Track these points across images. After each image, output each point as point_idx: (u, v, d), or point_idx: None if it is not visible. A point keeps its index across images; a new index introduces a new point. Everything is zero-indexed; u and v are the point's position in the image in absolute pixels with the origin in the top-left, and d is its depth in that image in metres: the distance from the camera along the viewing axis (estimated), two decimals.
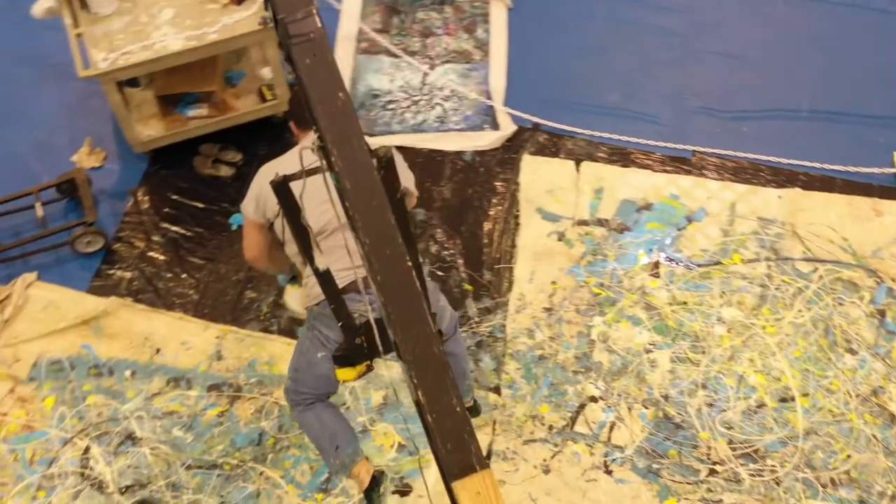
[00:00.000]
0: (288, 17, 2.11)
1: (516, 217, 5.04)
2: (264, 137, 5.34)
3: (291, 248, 3.45)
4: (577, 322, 4.65)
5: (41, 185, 5.06)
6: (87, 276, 4.87)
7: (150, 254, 4.95)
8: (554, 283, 4.79)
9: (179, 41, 4.71)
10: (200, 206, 5.10)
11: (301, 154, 2.49)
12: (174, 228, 5.04)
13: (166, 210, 5.11)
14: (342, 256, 3.23)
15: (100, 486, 4.21)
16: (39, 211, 4.94)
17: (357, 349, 3.21)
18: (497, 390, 4.43)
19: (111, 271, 4.89)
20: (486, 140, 5.33)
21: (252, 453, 4.27)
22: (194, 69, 5.03)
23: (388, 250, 2.06)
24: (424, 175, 5.21)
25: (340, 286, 3.15)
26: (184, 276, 4.86)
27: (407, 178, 3.66)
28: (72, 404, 4.43)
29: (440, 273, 4.83)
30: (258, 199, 3.48)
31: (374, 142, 5.19)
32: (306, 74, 2.12)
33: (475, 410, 4.19)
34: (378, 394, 4.42)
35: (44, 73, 5.70)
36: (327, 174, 2.28)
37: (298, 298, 3.95)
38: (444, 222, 5.03)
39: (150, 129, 5.14)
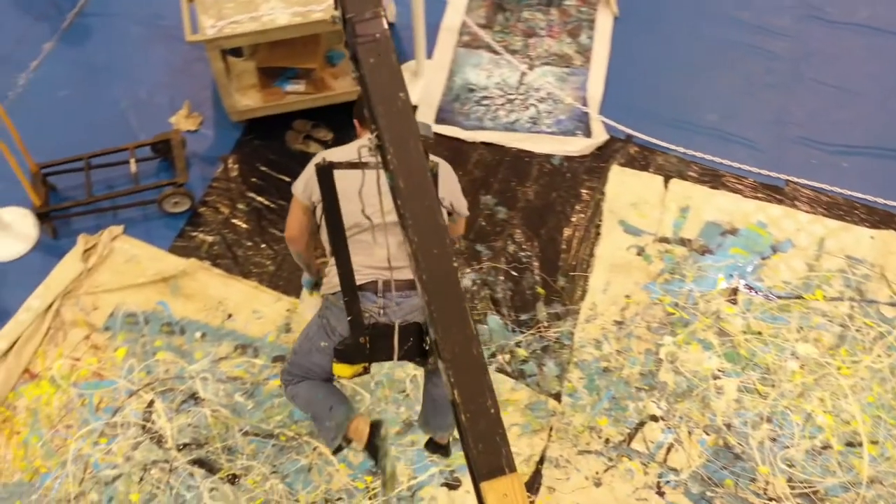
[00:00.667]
0: (356, 16, 2.17)
1: (598, 226, 4.99)
2: None
3: (325, 234, 3.42)
4: (646, 339, 4.58)
5: (137, 143, 5.19)
6: (171, 235, 4.99)
7: (234, 221, 5.04)
8: (628, 297, 4.73)
9: (286, 16, 4.78)
10: (287, 179, 5.17)
11: (360, 151, 2.53)
12: (259, 199, 5.12)
13: (254, 180, 5.20)
14: (371, 254, 3.24)
15: (159, 441, 4.31)
16: (133, 167, 5.07)
17: (358, 348, 3.17)
18: (557, 397, 4.40)
19: (194, 233, 4.99)
20: (577, 146, 5.29)
21: (308, 428, 4.32)
22: (297, 45, 5.11)
23: (436, 250, 2.09)
24: (510, 174, 5.20)
25: (359, 282, 3.15)
26: (263, 246, 4.94)
27: (456, 197, 3.62)
28: (142, 358, 4.55)
29: (514, 273, 4.81)
30: (308, 182, 3.47)
31: (465, 136, 5.24)
32: (369, 74, 2.17)
33: (447, 449, 3.89)
34: None
35: (154, 34, 5.86)
36: (381, 172, 2.31)
37: (313, 308, 3.80)
38: (524, 223, 5.01)
39: (248, 100, 5.23)
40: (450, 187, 3.55)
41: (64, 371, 4.52)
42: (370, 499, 4.14)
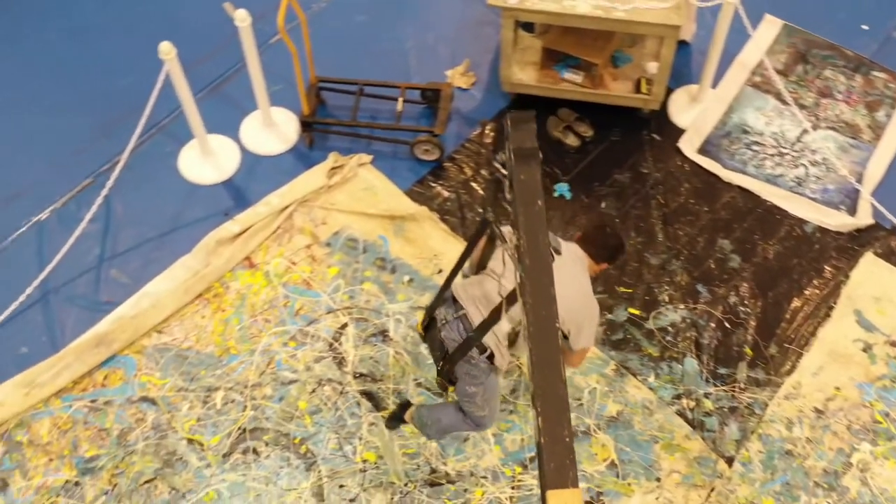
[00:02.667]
0: (516, 146, 2.88)
1: (830, 308, 4.71)
2: (621, 125, 5.33)
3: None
4: (843, 437, 4.29)
5: (410, 84, 5.36)
6: (412, 178, 5.14)
7: (473, 184, 5.13)
8: (837, 389, 4.44)
9: (588, 6, 4.77)
10: None
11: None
12: (503, 171, 5.15)
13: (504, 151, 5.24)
14: (482, 291, 3.58)
15: (340, 362, 4.48)
16: (399, 105, 5.25)
17: (424, 319, 3.82)
18: (730, 461, 4.21)
19: (433, 184, 5.12)
20: (836, 221, 5.00)
21: None
22: (587, 37, 5.10)
23: (544, 311, 2.63)
24: (756, 226, 4.99)
25: (459, 297, 3.61)
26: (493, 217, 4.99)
27: (577, 324, 3.58)
28: (350, 282, 4.73)
29: (727, 325, 4.63)
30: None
31: (723, 174, 5.08)
32: (518, 186, 2.85)
33: (396, 421, 4.25)
34: (615, 406, 4.35)
35: None
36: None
37: None
38: (754, 279, 4.80)
39: (524, 74, 5.28)
40: (577, 316, 3.56)
41: (279, 270, 4.77)
42: (513, 488, 4.14)
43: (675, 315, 4.66)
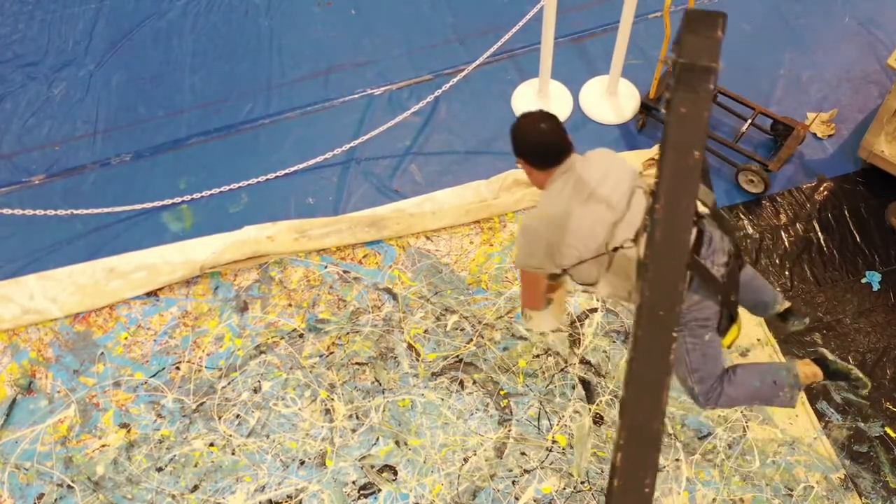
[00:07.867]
0: (687, 62, 2.07)
1: None
2: None
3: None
4: None
5: (766, 110, 5.06)
6: (723, 201, 4.90)
7: (783, 234, 4.81)
8: None
9: None
10: (857, 237, 4.79)
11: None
12: (819, 234, 4.81)
13: (828, 215, 4.88)
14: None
15: (574, 342, 4.43)
16: (744, 126, 5.00)
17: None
18: None
19: (741, 216, 4.86)
20: None
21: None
22: None
23: (662, 312, 1.99)
24: None
25: None
26: (787, 274, 4.69)
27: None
28: None
29: None
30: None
31: None
32: (674, 121, 2.08)
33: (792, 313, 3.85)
34: None
35: (857, 32, 5.57)
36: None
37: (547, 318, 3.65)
38: None
39: (888, 148, 4.84)
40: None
41: None
42: None
43: None
